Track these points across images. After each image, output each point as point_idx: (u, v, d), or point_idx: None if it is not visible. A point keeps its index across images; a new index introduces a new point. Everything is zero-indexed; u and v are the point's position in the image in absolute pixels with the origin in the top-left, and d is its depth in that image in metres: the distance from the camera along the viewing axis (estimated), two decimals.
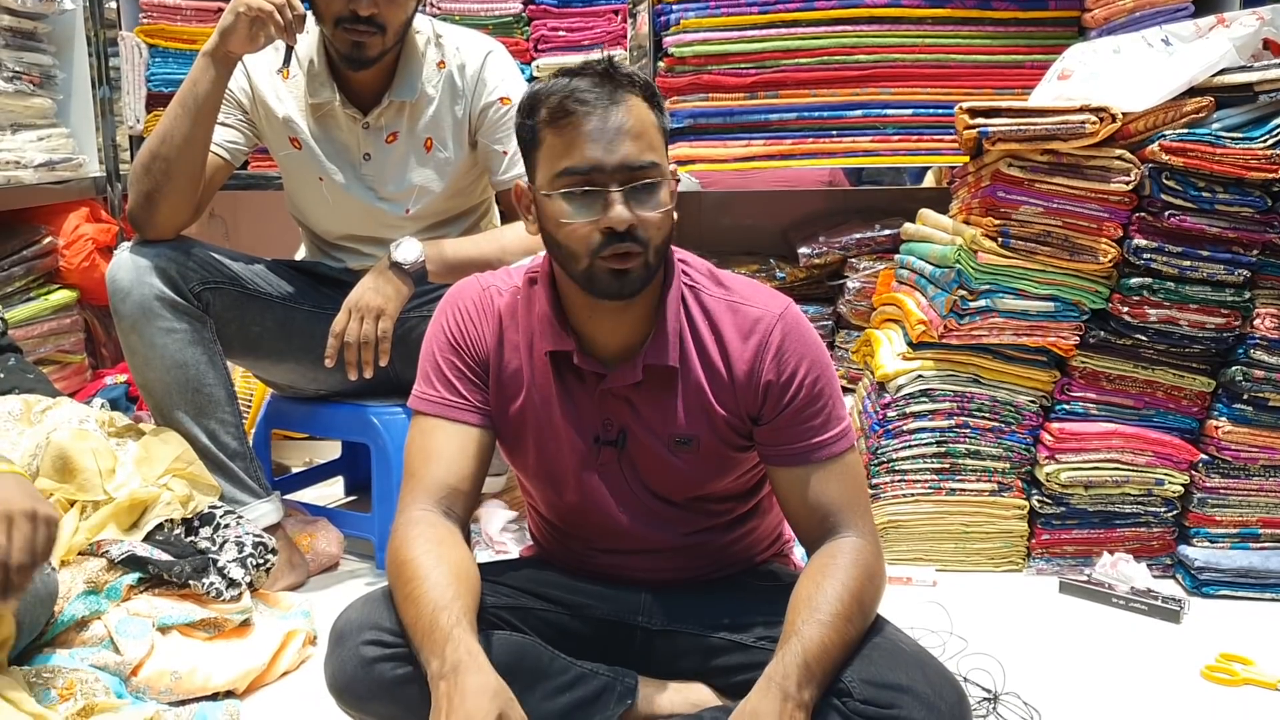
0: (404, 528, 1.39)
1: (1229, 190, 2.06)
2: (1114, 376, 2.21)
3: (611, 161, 1.32)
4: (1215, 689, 1.80)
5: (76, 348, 2.91)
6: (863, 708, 1.27)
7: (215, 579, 1.81)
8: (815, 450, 1.42)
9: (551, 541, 1.62)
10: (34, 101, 2.79)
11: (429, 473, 1.44)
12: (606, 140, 1.32)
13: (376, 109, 2.14)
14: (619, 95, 1.33)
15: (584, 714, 1.44)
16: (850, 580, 1.34)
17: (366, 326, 2.03)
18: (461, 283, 1.54)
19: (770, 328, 1.42)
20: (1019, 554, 2.30)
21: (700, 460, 1.46)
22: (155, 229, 2.07)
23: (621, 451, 1.47)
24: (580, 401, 1.46)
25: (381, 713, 1.39)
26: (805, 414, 1.42)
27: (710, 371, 1.44)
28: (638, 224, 1.32)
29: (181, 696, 1.67)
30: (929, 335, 2.25)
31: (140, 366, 2.05)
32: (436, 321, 1.51)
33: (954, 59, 2.76)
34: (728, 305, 1.45)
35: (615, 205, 1.32)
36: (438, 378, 1.48)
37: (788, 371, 1.41)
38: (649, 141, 1.34)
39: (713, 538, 1.55)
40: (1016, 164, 2.13)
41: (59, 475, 1.85)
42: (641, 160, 1.33)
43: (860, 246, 2.95)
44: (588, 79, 1.34)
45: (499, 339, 1.48)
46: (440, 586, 1.30)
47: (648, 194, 1.34)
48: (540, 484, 1.54)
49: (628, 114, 1.33)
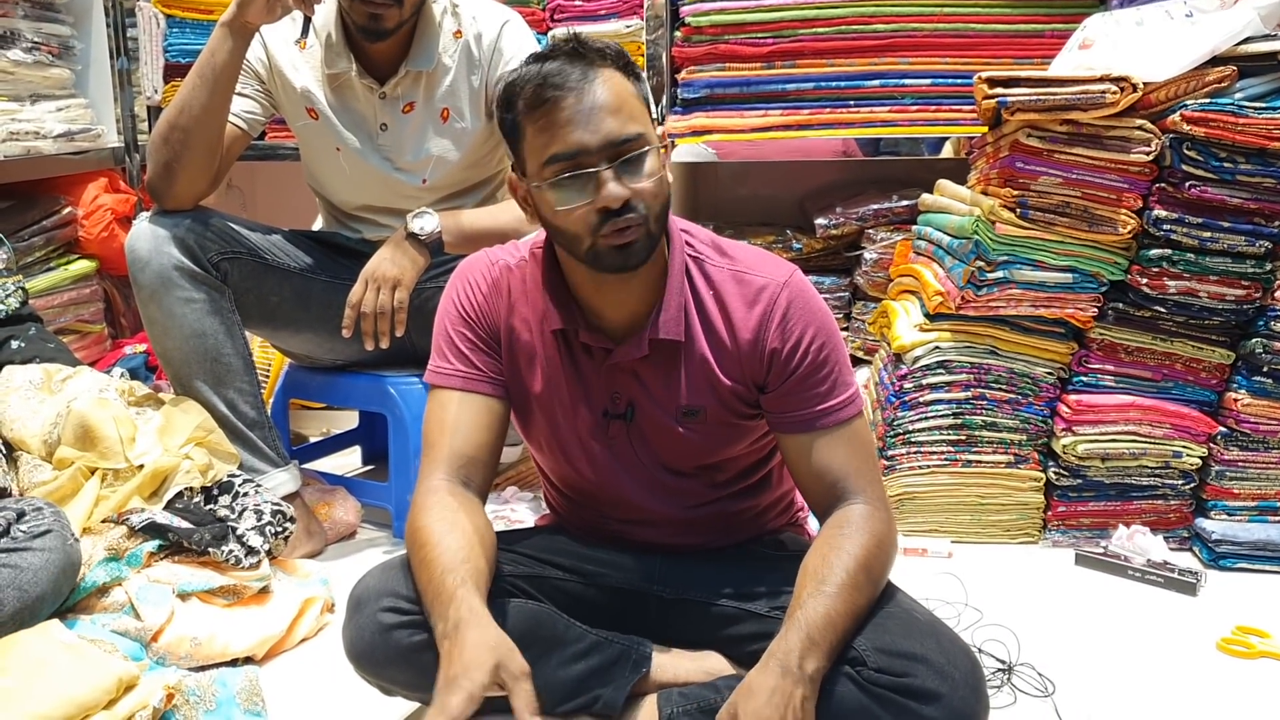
0: (422, 497, 1.41)
1: (1251, 161, 2.04)
2: (1132, 348, 2.20)
3: (595, 141, 1.31)
4: (1231, 661, 1.79)
5: (96, 317, 2.93)
6: (877, 676, 1.28)
7: (234, 546, 1.83)
8: (822, 416, 1.42)
9: (567, 510, 1.64)
10: (52, 72, 2.80)
11: (447, 444, 1.45)
12: (586, 120, 1.31)
13: (393, 79, 2.14)
14: (592, 72, 1.32)
15: (599, 681, 1.45)
16: (858, 549, 1.34)
17: (383, 297, 2.03)
18: (471, 257, 1.55)
19: (775, 295, 1.42)
20: (1035, 526, 2.29)
21: (708, 430, 1.47)
22: (174, 199, 2.07)
23: (630, 424, 1.48)
24: (588, 376, 1.47)
25: (398, 679, 1.41)
26: (811, 380, 1.42)
27: (715, 342, 1.44)
28: (633, 196, 1.32)
29: (200, 662, 1.68)
30: (946, 307, 2.24)
31: (159, 336, 2.06)
32: (448, 295, 1.52)
33: (973, 28, 2.73)
34: (732, 274, 1.44)
35: (608, 184, 1.31)
36: (451, 351, 1.49)
37: (793, 338, 1.41)
38: (629, 112, 1.33)
39: (724, 507, 1.56)
40: (1035, 134, 2.12)
41: (80, 444, 1.87)
42: (626, 133, 1.32)
43: (877, 217, 2.94)
44: (558, 60, 1.33)
45: (509, 312, 1.49)
46: (451, 551, 1.31)
47: (638, 165, 1.33)
48: (552, 456, 1.55)
49: (604, 89, 1.31)
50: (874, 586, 1.35)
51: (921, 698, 1.26)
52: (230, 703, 1.54)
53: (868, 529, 1.37)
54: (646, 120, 1.36)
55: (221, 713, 1.52)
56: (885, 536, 1.38)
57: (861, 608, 1.32)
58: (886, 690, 1.27)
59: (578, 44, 1.34)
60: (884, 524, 1.39)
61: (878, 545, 1.36)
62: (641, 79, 1.38)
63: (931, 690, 1.26)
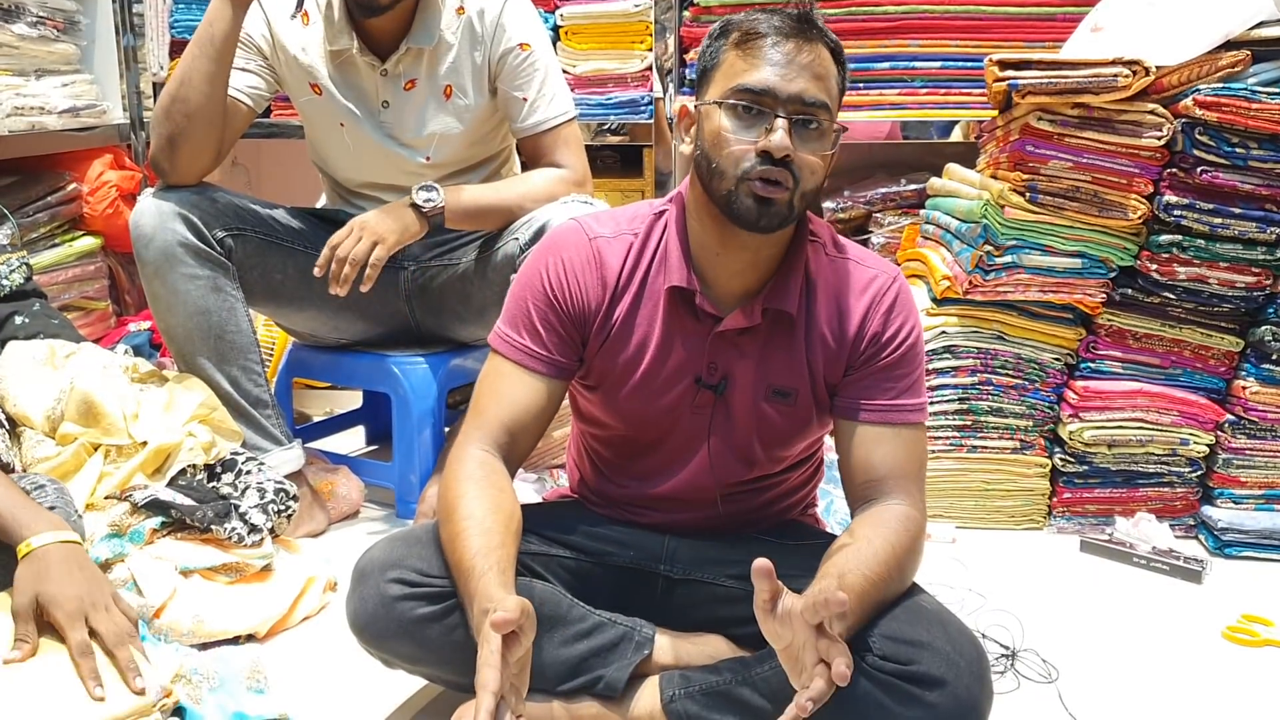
0: (461, 463, 1.41)
1: (1263, 146, 2.02)
2: (1140, 335, 2.19)
3: (787, 90, 1.32)
4: (1236, 649, 1.79)
5: (100, 294, 2.92)
6: (882, 663, 1.27)
7: (237, 524, 1.83)
8: (892, 411, 1.44)
9: (596, 483, 1.62)
10: (57, 47, 2.78)
11: (494, 413, 1.45)
12: (787, 68, 1.32)
13: (395, 56, 2.13)
14: (811, 36, 1.34)
15: (601, 662, 1.44)
16: (899, 545, 1.34)
17: (361, 246, 2.01)
18: (563, 229, 1.52)
19: (886, 286, 1.45)
20: (1040, 512, 2.29)
21: (793, 414, 1.47)
22: (178, 174, 2.06)
23: (719, 398, 1.47)
24: (691, 342, 1.46)
25: (401, 651, 1.41)
26: (895, 373, 1.44)
27: (819, 327, 1.45)
28: (794, 158, 1.32)
29: (202, 640, 1.68)
30: (954, 291, 2.23)
31: (163, 312, 2.05)
32: (534, 267, 1.50)
33: (984, 11, 2.71)
34: (846, 263, 1.47)
35: (778, 130, 1.31)
36: (524, 324, 1.48)
37: (894, 326, 1.44)
38: (827, 87, 1.34)
39: (759, 492, 1.56)
40: (1046, 118, 2.10)
41: (84, 420, 1.87)
42: (816, 97, 1.33)
43: (885, 201, 2.92)
44: (785, 18, 1.35)
45: (603, 288, 1.47)
46: (484, 535, 1.31)
47: (812, 133, 1.34)
48: (624, 420, 1.53)
49: (816, 56, 1.34)
50: (900, 586, 1.36)
51: (926, 684, 1.26)
52: (233, 680, 1.54)
53: (910, 530, 1.37)
54: (836, 105, 1.37)
55: (224, 690, 1.52)
56: (921, 543, 1.39)
57: (882, 604, 1.32)
58: (891, 676, 1.27)
59: (808, 16, 1.36)
60: (921, 531, 1.40)
61: (913, 549, 1.37)
62: (846, 76, 1.40)
63: (937, 677, 1.26)
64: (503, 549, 1.30)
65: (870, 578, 1.29)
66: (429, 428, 2.27)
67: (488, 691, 1.12)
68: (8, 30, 2.59)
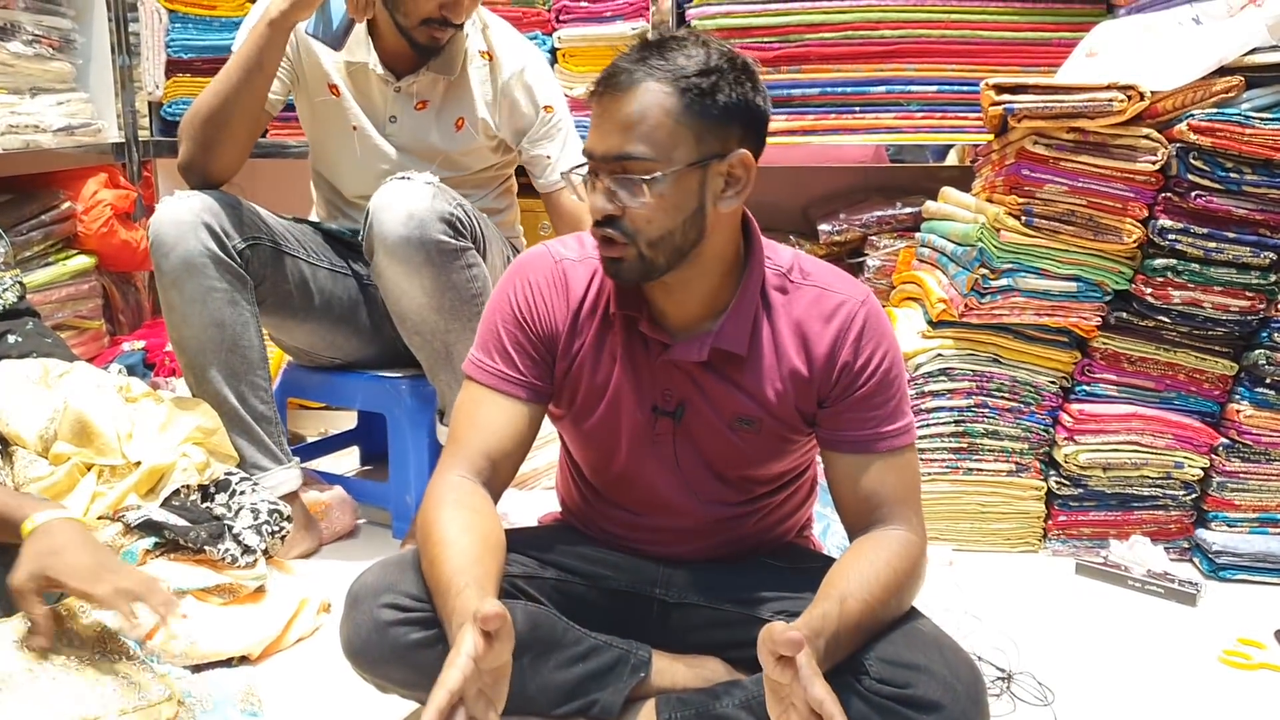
0: (439, 491, 1.40)
1: (1257, 171, 2.03)
2: (1135, 358, 2.20)
3: (597, 150, 1.32)
4: (1231, 673, 1.79)
5: (94, 313, 2.92)
6: (879, 686, 1.27)
7: (230, 545, 1.82)
8: (877, 440, 1.42)
9: (584, 508, 1.62)
10: (53, 65, 2.78)
11: (472, 440, 1.44)
12: (599, 128, 1.32)
13: (411, 76, 2.16)
14: (620, 86, 1.30)
15: (597, 685, 1.44)
16: (897, 572, 1.34)
17: None
18: (532, 253, 1.52)
19: (854, 313, 1.42)
20: (1035, 535, 2.29)
21: (760, 441, 1.46)
22: (212, 175, 2.10)
23: (678, 424, 1.46)
24: (643, 369, 1.45)
25: (394, 676, 1.40)
26: (874, 401, 1.41)
27: (784, 356, 1.42)
28: (620, 215, 1.32)
29: (195, 661, 1.67)
30: (949, 314, 2.24)
31: (177, 323, 2.03)
32: (503, 290, 1.50)
33: (980, 35, 2.73)
34: (811, 291, 1.44)
35: (594, 193, 1.33)
36: (497, 349, 1.48)
37: (865, 355, 1.41)
38: (646, 132, 1.28)
39: (748, 517, 1.55)
40: (1042, 142, 2.11)
41: (77, 439, 1.86)
42: (623, 151, 1.29)
43: (881, 224, 2.94)
44: (630, 58, 1.32)
45: (569, 311, 1.47)
46: (462, 555, 1.30)
47: (634, 186, 1.30)
48: (592, 449, 1.53)
49: (632, 102, 1.28)
50: (897, 611, 1.35)
51: (923, 708, 1.26)
52: (227, 703, 1.53)
53: (908, 555, 1.37)
54: (672, 144, 1.29)
55: (218, 713, 1.51)
56: (920, 569, 1.39)
57: (878, 630, 1.32)
58: (888, 700, 1.27)
59: (656, 48, 1.32)
60: (921, 556, 1.39)
61: (912, 576, 1.37)
62: (709, 98, 1.30)
63: (933, 700, 1.26)
64: (480, 565, 1.29)
65: (869, 601, 1.29)
66: (425, 448, 2.26)
67: (443, 689, 1.09)
68: (3, 48, 2.60)
